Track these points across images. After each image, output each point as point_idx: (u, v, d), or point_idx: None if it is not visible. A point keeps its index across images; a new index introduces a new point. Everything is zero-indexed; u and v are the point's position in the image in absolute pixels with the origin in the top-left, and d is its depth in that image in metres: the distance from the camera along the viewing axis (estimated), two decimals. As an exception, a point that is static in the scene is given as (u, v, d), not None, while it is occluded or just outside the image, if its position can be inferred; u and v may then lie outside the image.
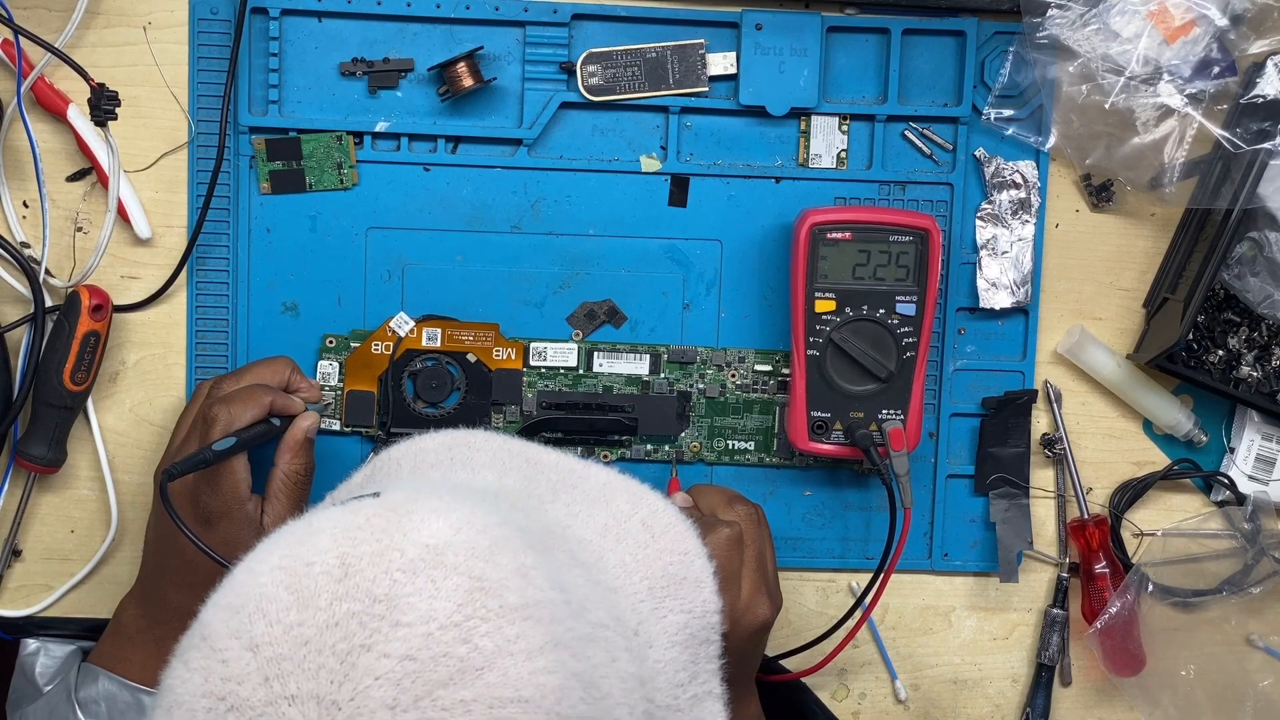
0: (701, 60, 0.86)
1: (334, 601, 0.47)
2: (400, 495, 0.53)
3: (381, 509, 0.51)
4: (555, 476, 0.66)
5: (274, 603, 0.48)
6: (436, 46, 0.86)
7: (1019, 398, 0.89)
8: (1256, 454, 0.91)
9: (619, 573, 0.60)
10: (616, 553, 0.61)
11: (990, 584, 0.92)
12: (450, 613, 0.47)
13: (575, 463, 0.68)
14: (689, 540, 0.64)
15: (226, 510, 0.77)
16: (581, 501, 0.64)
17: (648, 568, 0.61)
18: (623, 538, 0.62)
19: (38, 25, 0.82)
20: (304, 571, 0.48)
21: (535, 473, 0.66)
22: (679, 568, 0.62)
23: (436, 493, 0.53)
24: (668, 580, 0.61)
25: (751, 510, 0.80)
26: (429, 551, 0.49)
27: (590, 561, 0.58)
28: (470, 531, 0.50)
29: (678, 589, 0.62)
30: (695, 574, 0.63)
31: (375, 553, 0.48)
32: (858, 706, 0.92)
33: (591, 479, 0.66)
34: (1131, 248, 0.90)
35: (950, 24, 0.87)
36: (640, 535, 0.63)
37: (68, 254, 0.85)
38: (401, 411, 0.87)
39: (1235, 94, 0.84)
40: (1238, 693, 0.92)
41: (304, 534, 0.51)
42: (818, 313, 0.84)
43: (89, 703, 0.77)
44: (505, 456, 0.67)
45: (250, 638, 0.47)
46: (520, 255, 0.87)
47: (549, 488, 0.64)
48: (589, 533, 0.61)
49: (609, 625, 0.54)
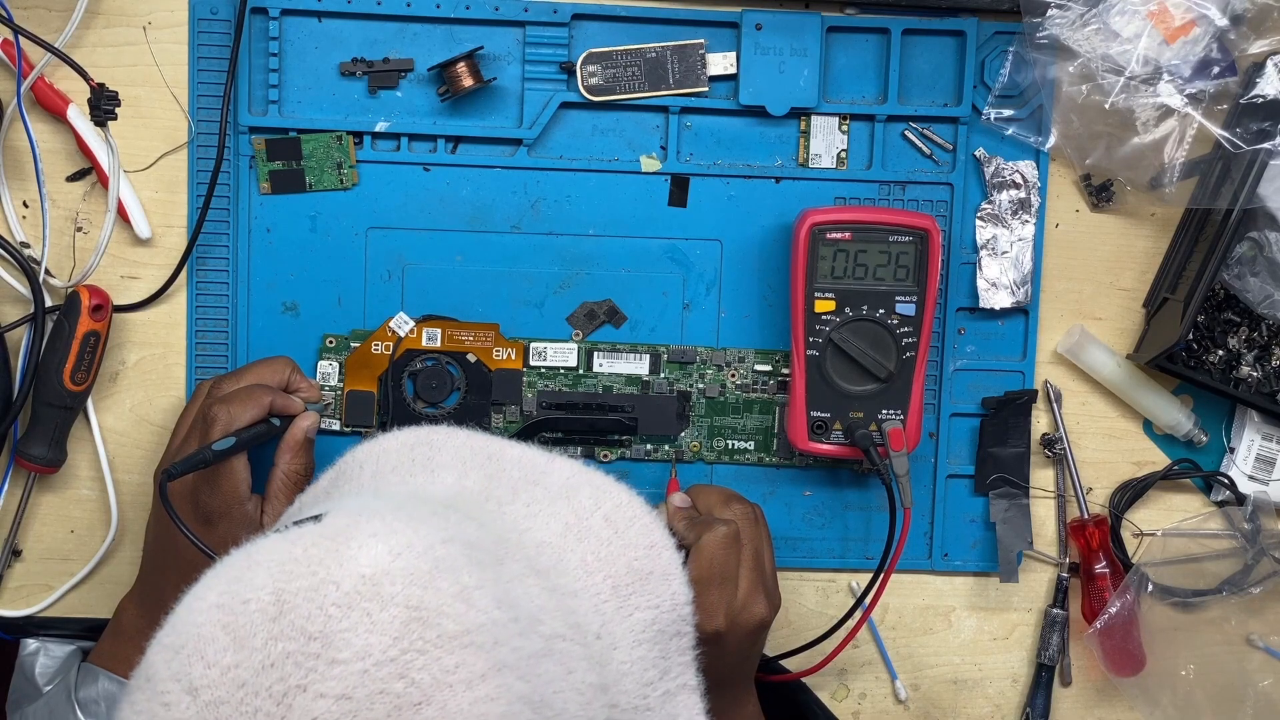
0: (701, 60, 0.86)
1: (269, 641, 0.46)
2: (341, 519, 0.51)
3: (319, 538, 0.50)
4: (517, 473, 0.65)
5: (211, 644, 0.47)
6: (436, 46, 0.86)
7: (1019, 398, 0.89)
8: (1256, 454, 0.91)
9: (580, 574, 0.59)
10: (578, 552, 0.60)
11: (990, 584, 0.92)
12: (386, 647, 0.46)
13: (539, 457, 0.67)
14: (655, 532, 0.64)
15: (226, 510, 0.77)
16: (543, 500, 0.63)
17: (611, 565, 0.60)
18: (584, 535, 0.61)
19: (38, 25, 0.82)
20: (240, 610, 0.48)
21: (497, 470, 0.65)
22: (645, 562, 0.62)
23: (379, 513, 0.52)
24: (633, 576, 0.61)
25: (749, 509, 0.80)
26: (365, 583, 0.48)
27: (548, 566, 0.58)
28: (410, 556, 0.49)
29: (644, 584, 0.61)
30: (662, 567, 0.63)
31: (310, 587, 0.48)
32: (858, 706, 0.92)
33: (554, 474, 0.65)
34: (1131, 248, 0.90)
35: (950, 24, 0.87)
36: (603, 531, 0.62)
37: (68, 254, 0.85)
38: (401, 411, 0.87)
39: (1235, 94, 0.84)
40: (1238, 693, 0.92)
41: (242, 568, 0.50)
42: (817, 313, 0.84)
43: (89, 703, 0.77)
44: (467, 454, 0.66)
45: (189, 680, 0.47)
46: (520, 255, 0.87)
47: (509, 487, 0.63)
48: (549, 534, 0.60)
49: (565, 635, 0.53)
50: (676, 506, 0.82)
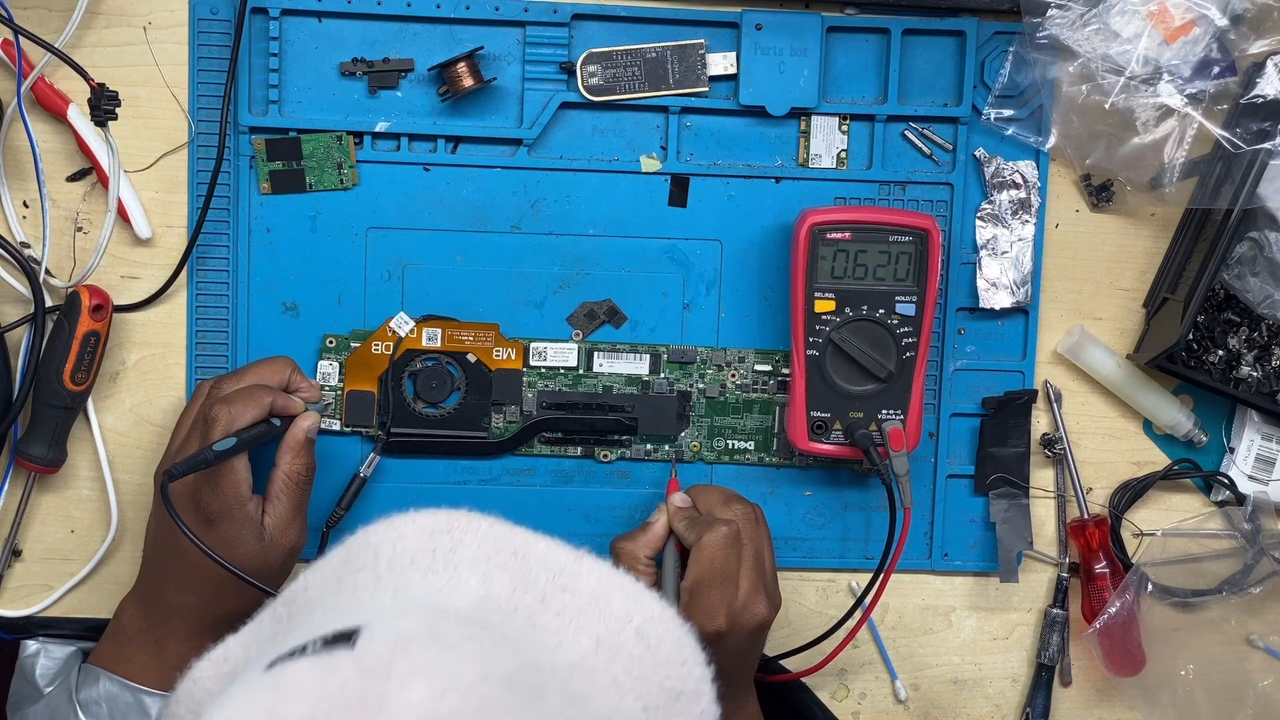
0: (701, 60, 0.86)
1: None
2: (378, 647, 0.48)
3: (358, 669, 0.47)
4: (544, 576, 0.61)
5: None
6: (436, 46, 0.86)
7: (1019, 398, 0.89)
8: (1256, 454, 0.91)
9: (612, 696, 0.56)
10: (610, 672, 0.57)
11: (990, 584, 0.92)
12: None
13: (565, 555, 0.62)
14: (686, 648, 0.60)
15: (227, 510, 0.77)
16: (573, 610, 0.59)
17: (643, 685, 0.57)
18: (617, 653, 0.58)
19: (38, 25, 0.82)
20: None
21: (523, 571, 0.61)
22: (676, 682, 0.58)
23: (416, 639, 0.49)
24: (665, 697, 0.58)
25: (749, 510, 0.80)
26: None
27: (580, 693, 0.55)
28: (454, 697, 0.46)
29: (674, 705, 0.58)
30: (694, 686, 0.59)
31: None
32: (858, 706, 0.92)
33: (584, 577, 0.61)
34: (1131, 248, 0.90)
35: (950, 24, 0.87)
36: (635, 648, 0.58)
37: (68, 254, 0.85)
38: (401, 411, 0.87)
39: (1235, 94, 0.84)
40: (1237, 693, 0.92)
41: (274, 700, 0.46)
42: (817, 313, 0.84)
43: (90, 704, 0.77)
44: (491, 549, 0.62)
45: None
46: (520, 255, 0.87)
47: (538, 594, 0.60)
48: (580, 651, 0.57)
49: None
50: (677, 507, 0.82)
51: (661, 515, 0.82)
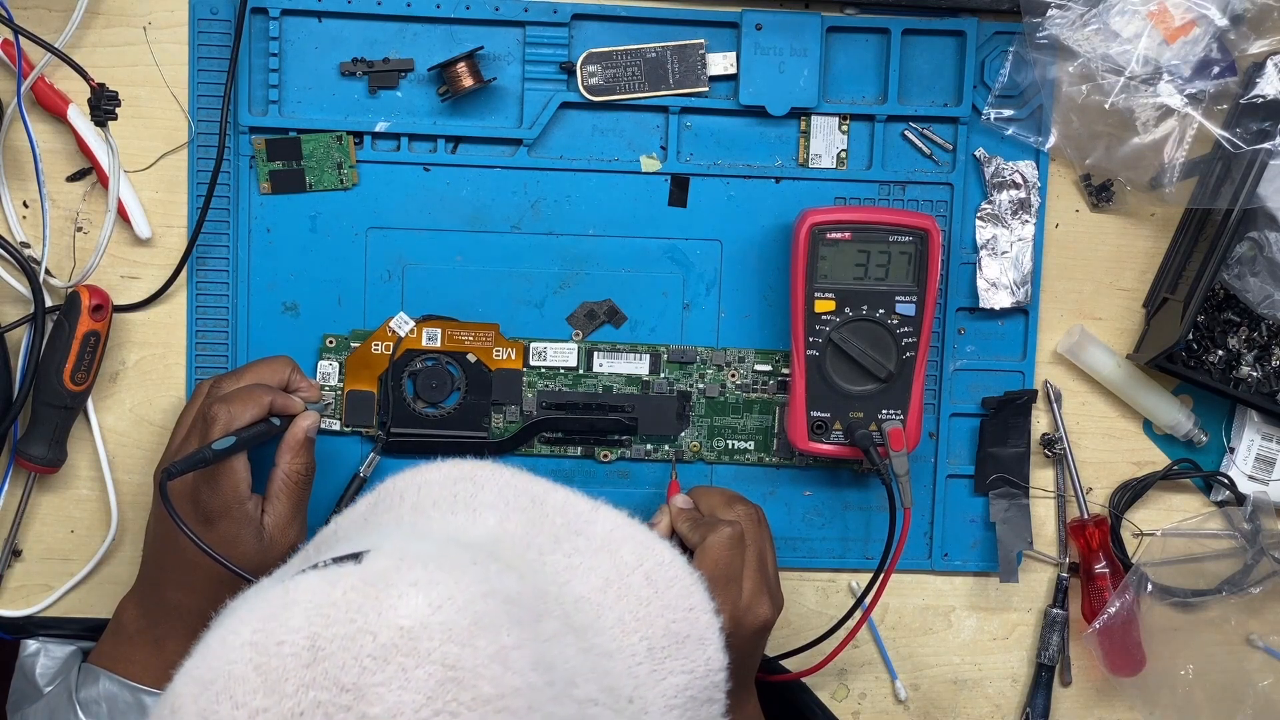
0: (701, 60, 0.86)
1: (300, 689, 0.45)
2: (382, 563, 0.50)
3: (359, 581, 0.49)
4: (560, 520, 0.63)
5: (242, 684, 0.46)
6: (436, 46, 0.86)
7: (1019, 398, 0.89)
8: (1256, 454, 0.91)
9: (617, 632, 0.57)
10: (616, 610, 0.58)
11: (990, 584, 0.92)
12: (419, 706, 0.45)
13: (583, 504, 0.65)
14: (695, 595, 0.62)
15: (226, 509, 0.77)
16: (584, 551, 0.61)
17: (648, 626, 0.59)
18: (624, 593, 0.59)
19: (38, 25, 0.82)
20: (274, 651, 0.47)
21: (539, 515, 0.63)
22: (683, 625, 0.60)
23: (421, 559, 0.51)
24: (669, 639, 0.59)
25: (752, 510, 0.80)
26: (402, 635, 0.47)
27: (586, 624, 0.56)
28: (450, 609, 0.48)
29: (680, 648, 0.59)
30: (700, 631, 0.61)
31: (347, 635, 0.47)
32: (858, 706, 0.92)
33: (598, 524, 0.63)
34: (1131, 248, 0.90)
35: (950, 24, 0.87)
36: (643, 590, 0.60)
37: (68, 254, 0.85)
38: (401, 411, 0.87)
39: (1235, 94, 0.84)
40: (1237, 693, 0.92)
41: (279, 605, 0.49)
42: (818, 313, 0.84)
43: (90, 703, 0.77)
44: (511, 495, 0.64)
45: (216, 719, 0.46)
46: (520, 255, 0.87)
47: (551, 534, 0.62)
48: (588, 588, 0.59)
49: (599, 700, 0.52)
50: (679, 508, 0.82)
51: (663, 517, 0.82)
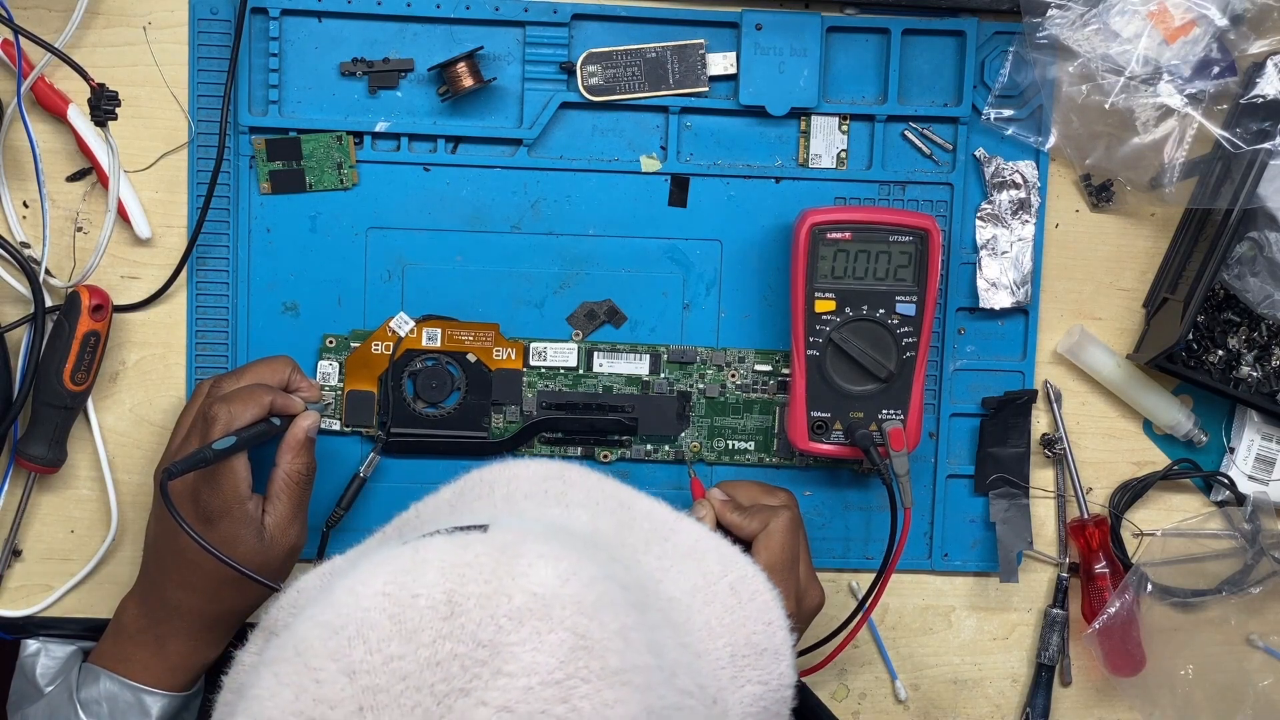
0: (701, 60, 0.86)
1: (437, 640, 0.46)
2: (508, 535, 0.51)
3: (490, 548, 0.50)
4: (647, 525, 0.64)
5: (376, 630, 0.47)
6: (436, 46, 0.86)
7: (1019, 398, 0.89)
8: (1256, 454, 0.91)
9: (704, 636, 0.58)
10: (704, 615, 0.59)
11: (990, 584, 0.92)
12: (552, 669, 0.46)
13: (667, 513, 0.66)
14: (773, 610, 0.62)
15: (227, 509, 0.77)
16: (673, 556, 0.62)
17: (732, 634, 0.59)
18: (711, 600, 0.60)
19: (38, 25, 0.82)
20: (409, 603, 0.47)
21: (628, 519, 0.64)
22: (762, 638, 0.61)
23: (544, 536, 0.52)
24: (750, 649, 0.60)
25: (792, 496, 0.81)
26: (536, 600, 0.47)
27: (680, 622, 0.57)
28: (577, 584, 0.49)
29: (758, 659, 0.60)
30: (776, 645, 0.61)
31: (483, 595, 0.47)
32: (858, 706, 0.92)
33: (682, 534, 0.64)
34: (1131, 248, 0.90)
35: (950, 24, 0.87)
36: (728, 599, 0.61)
37: (68, 254, 0.85)
38: (401, 411, 0.87)
39: (1235, 94, 0.84)
40: (1237, 693, 0.92)
41: (411, 562, 0.49)
42: (818, 313, 0.84)
43: (90, 703, 0.77)
44: (599, 497, 0.65)
45: (348, 662, 0.46)
46: (520, 255, 0.87)
47: (642, 538, 0.63)
48: (679, 591, 0.59)
49: (693, 693, 0.52)
50: (722, 501, 0.81)
51: (704, 510, 0.81)
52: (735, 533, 0.79)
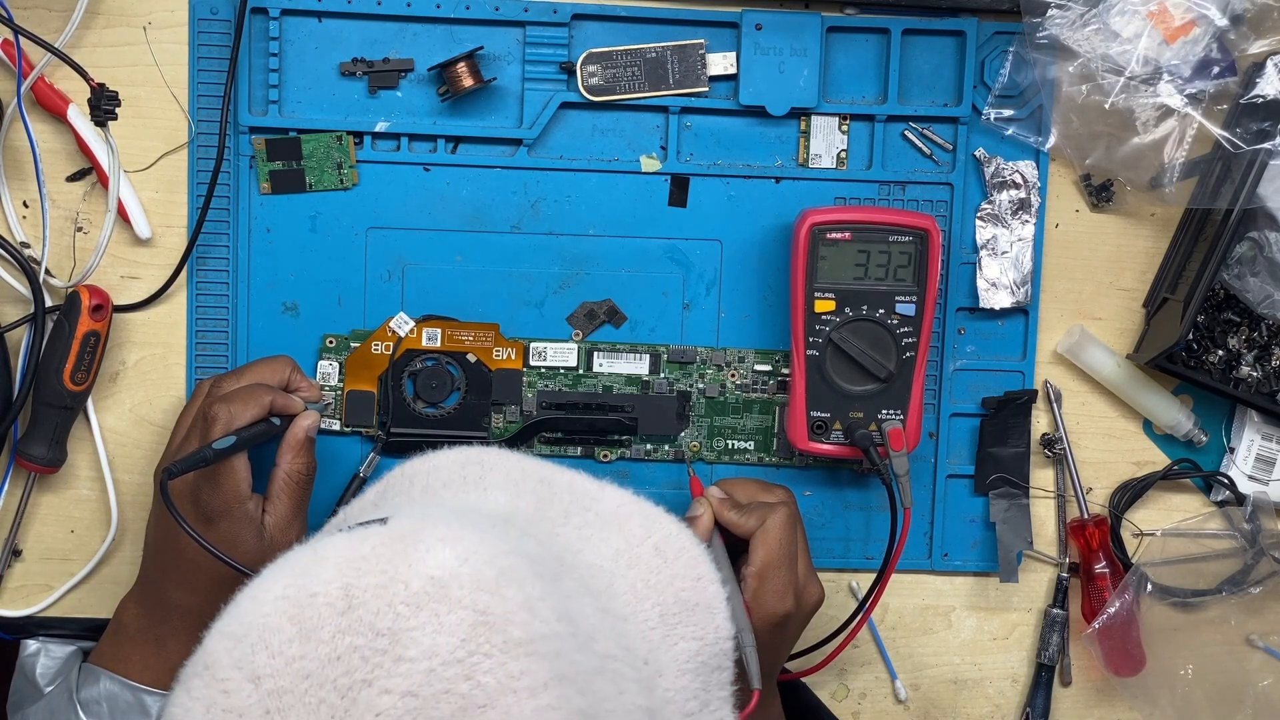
0: (701, 60, 0.86)
1: (336, 635, 0.47)
2: (407, 523, 0.52)
3: (387, 538, 0.51)
4: (569, 498, 0.65)
5: (276, 634, 0.47)
6: (436, 46, 0.86)
7: (1019, 398, 0.89)
8: (1256, 454, 0.91)
9: (630, 599, 0.59)
10: (628, 578, 0.60)
11: (990, 584, 0.92)
12: (453, 648, 0.46)
13: (589, 483, 0.67)
14: (702, 565, 0.64)
15: (227, 509, 0.77)
16: (594, 525, 0.63)
17: (659, 594, 0.60)
18: (635, 563, 0.61)
19: (38, 25, 0.82)
20: (307, 602, 0.48)
21: (548, 494, 0.65)
22: (691, 593, 0.62)
23: (444, 520, 0.53)
24: (680, 606, 0.61)
25: (789, 493, 0.81)
26: (433, 584, 0.48)
27: (601, 589, 0.58)
28: (476, 562, 0.50)
29: (690, 615, 0.61)
30: (708, 600, 0.62)
31: (379, 585, 0.48)
32: (858, 706, 0.92)
33: (605, 501, 0.65)
34: (1131, 248, 0.90)
35: (950, 24, 0.87)
36: (652, 560, 0.62)
37: (68, 254, 0.85)
38: (401, 411, 0.87)
39: (1235, 94, 0.84)
40: (1237, 693, 0.92)
41: (309, 563, 0.50)
42: (817, 313, 0.84)
43: (90, 703, 0.77)
44: (519, 476, 0.66)
45: (252, 669, 0.47)
46: (520, 255, 0.87)
47: (561, 510, 0.64)
48: (600, 558, 0.60)
49: (617, 656, 0.53)
50: (720, 498, 0.81)
51: (703, 509, 0.81)
52: (733, 530, 0.79)
